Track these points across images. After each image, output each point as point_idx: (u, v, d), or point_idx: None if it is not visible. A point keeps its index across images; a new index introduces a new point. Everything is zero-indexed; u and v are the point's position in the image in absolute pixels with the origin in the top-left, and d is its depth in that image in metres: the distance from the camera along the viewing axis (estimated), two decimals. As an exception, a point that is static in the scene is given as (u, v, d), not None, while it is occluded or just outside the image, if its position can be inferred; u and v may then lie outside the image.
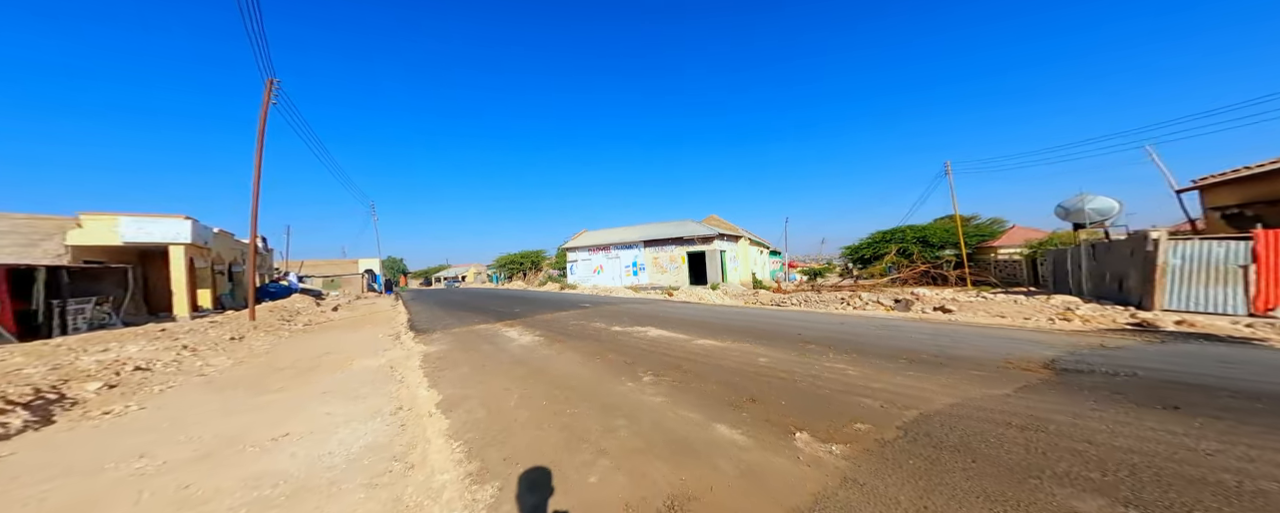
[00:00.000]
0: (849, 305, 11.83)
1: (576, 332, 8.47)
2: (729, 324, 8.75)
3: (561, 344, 7.19)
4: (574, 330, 8.66)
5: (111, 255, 14.50)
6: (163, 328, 11.32)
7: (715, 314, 10.82)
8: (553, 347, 7.00)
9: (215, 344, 7.96)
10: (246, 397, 4.97)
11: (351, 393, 4.99)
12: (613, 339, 7.40)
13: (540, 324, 9.68)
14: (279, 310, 15.03)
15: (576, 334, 8.19)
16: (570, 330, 8.69)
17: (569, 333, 8.40)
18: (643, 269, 27.31)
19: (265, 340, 9.36)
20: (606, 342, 7.20)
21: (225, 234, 19.51)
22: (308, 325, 12.98)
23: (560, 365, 5.73)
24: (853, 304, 11.86)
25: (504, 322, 10.45)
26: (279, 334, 10.64)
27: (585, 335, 7.94)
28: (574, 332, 8.49)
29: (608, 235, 32.24)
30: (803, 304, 13.09)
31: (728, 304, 14.43)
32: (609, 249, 29.97)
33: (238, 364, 6.76)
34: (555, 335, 8.14)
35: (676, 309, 12.19)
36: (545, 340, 7.64)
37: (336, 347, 8.70)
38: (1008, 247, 20.64)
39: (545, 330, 8.79)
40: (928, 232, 23.83)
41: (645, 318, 10.16)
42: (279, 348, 8.53)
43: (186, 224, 14.54)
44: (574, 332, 8.49)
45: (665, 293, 23.24)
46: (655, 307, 13.11)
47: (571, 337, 7.94)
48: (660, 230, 27.59)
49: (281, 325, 12.20)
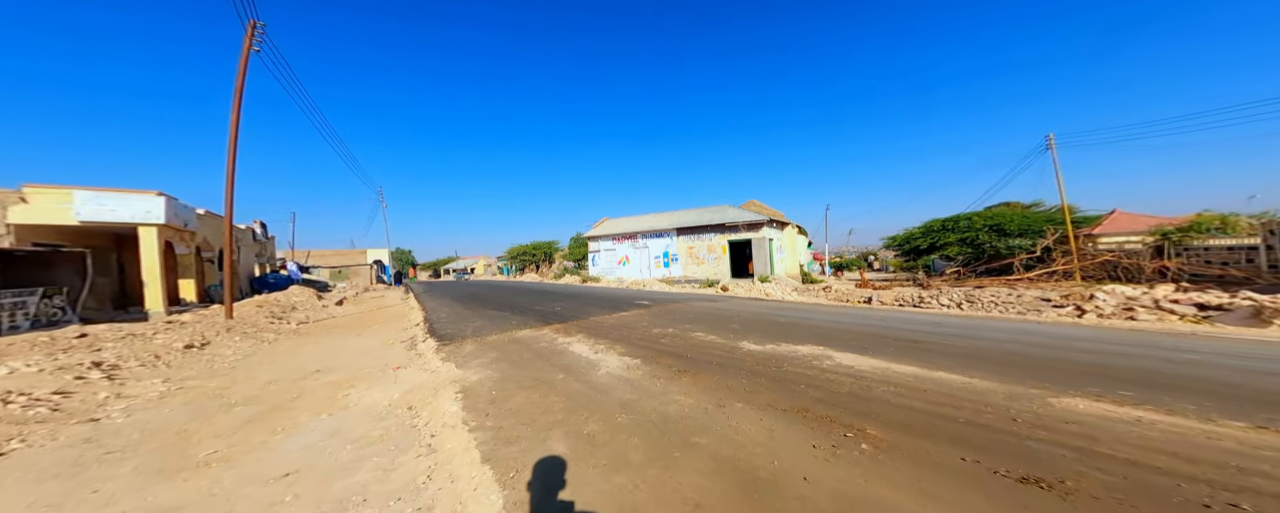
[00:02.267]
0: (1016, 305, 9.18)
1: (678, 348, 5.74)
2: (911, 338, 5.83)
3: (683, 375, 4.43)
4: (672, 345, 5.89)
5: (70, 238, 12.24)
6: (120, 327, 9.03)
7: (849, 320, 7.75)
8: (671, 379, 4.30)
9: (157, 357, 5.59)
10: (128, 486, 2.54)
11: (340, 477, 2.54)
12: (766, 367, 4.65)
13: (607, 332, 6.99)
14: (270, 306, 12.73)
15: (684, 352, 5.47)
16: (666, 345, 5.93)
17: (670, 349, 5.65)
18: (675, 260, 24.76)
19: (237, 349, 7.01)
20: (765, 374, 4.37)
21: (214, 217, 17.20)
22: (302, 325, 10.63)
23: (732, 429, 3.06)
24: (1018, 304, 9.17)
25: (552, 326, 7.73)
26: (261, 338, 8.30)
27: (706, 359, 5.07)
28: (675, 348, 5.75)
29: (634, 223, 29.65)
30: (920, 305, 10.35)
31: (824, 303, 11.37)
32: (636, 238, 27.42)
33: (169, 396, 4.35)
34: (652, 353, 5.47)
35: (767, 310, 9.37)
36: (644, 365, 4.87)
37: (332, 359, 6.28)
38: (1111, 235, 17.81)
39: (626, 344, 6.07)
40: (1001, 218, 20.97)
41: (754, 325, 7.35)
42: (252, 362, 6.15)
43: (159, 201, 12.20)
44: (675, 348, 5.75)
45: (705, 286, 20.74)
46: (729, 305, 10.42)
47: (686, 359, 5.08)
48: (697, 217, 24.92)
49: (268, 325, 9.87)
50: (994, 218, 20.54)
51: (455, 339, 6.90)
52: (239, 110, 9.67)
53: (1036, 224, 19.42)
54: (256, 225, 24.12)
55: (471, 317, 9.51)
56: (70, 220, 11.23)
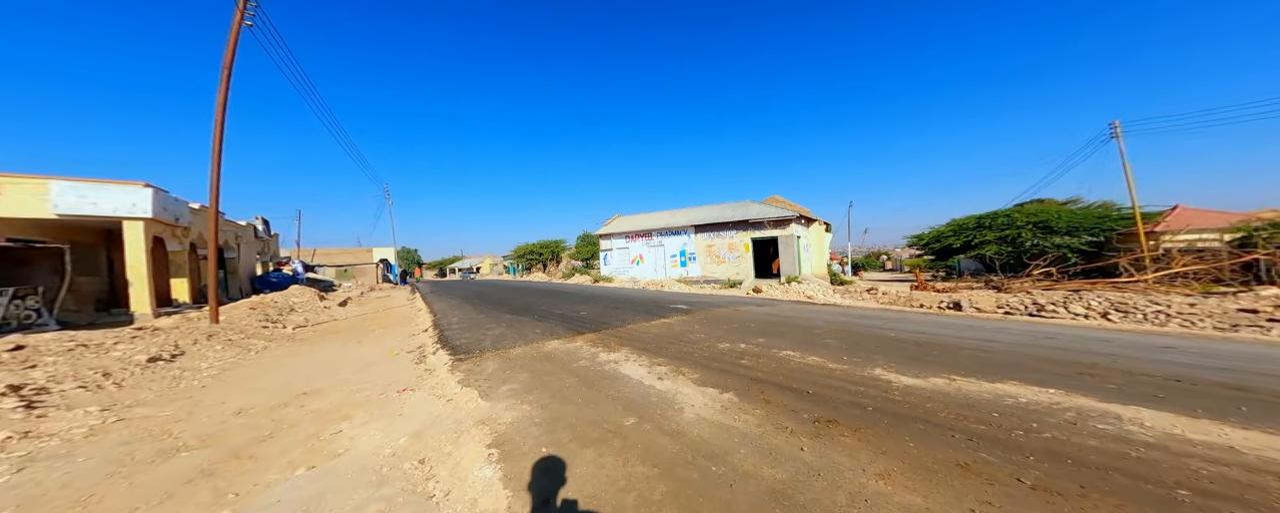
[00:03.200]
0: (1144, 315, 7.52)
1: (776, 374, 4.27)
2: (1186, 375, 4.01)
3: (832, 429, 2.98)
4: (765, 371, 4.40)
5: (51, 233, 11.30)
6: (75, 335, 8.02)
7: (989, 336, 6.05)
8: (819, 438, 2.85)
9: (106, 375, 4.51)
10: None
11: None
12: (985, 426, 2.97)
13: (657, 345, 5.68)
14: (265, 307, 11.72)
15: (794, 383, 3.97)
16: (756, 370, 4.44)
17: (767, 378, 4.16)
18: (692, 259, 23.58)
19: (214, 361, 5.93)
20: (1005, 445, 2.70)
21: (210, 212, 16.30)
22: (299, 330, 9.58)
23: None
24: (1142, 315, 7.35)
25: (584, 336, 6.49)
26: (248, 346, 7.24)
27: (843, 398, 3.58)
28: (772, 374, 4.28)
29: (649, 220, 28.50)
30: (1040, 313, 8.37)
31: (905, 311, 9.49)
32: (650, 236, 26.27)
33: (99, 433, 3.25)
34: (743, 382, 4.05)
35: (839, 317, 7.90)
36: (747, 404, 3.47)
37: (325, 375, 5.18)
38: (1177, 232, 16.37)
39: (694, 365, 4.72)
40: (1046, 215, 19.55)
41: (852, 339, 5.80)
42: (228, 379, 5.07)
43: (145, 193, 11.21)
44: (772, 374, 4.28)
45: (727, 287, 19.55)
46: (784, 311, 8.93)
47: (808, 396, 3.62)
48: (717, 213, 23.70)
49: (260, 330, 8.83)
50: (1038, 214, 19.14)
51: (473, 352, 5.76)
52: (227, 89, 8.63)
53: (1085, 221, 18.01)
54: (258, 222, 23.22)
55: (487, 322, 8.40)
56: (48, 213, 10.27)
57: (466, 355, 5.52)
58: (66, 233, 12.77)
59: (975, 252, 20.89)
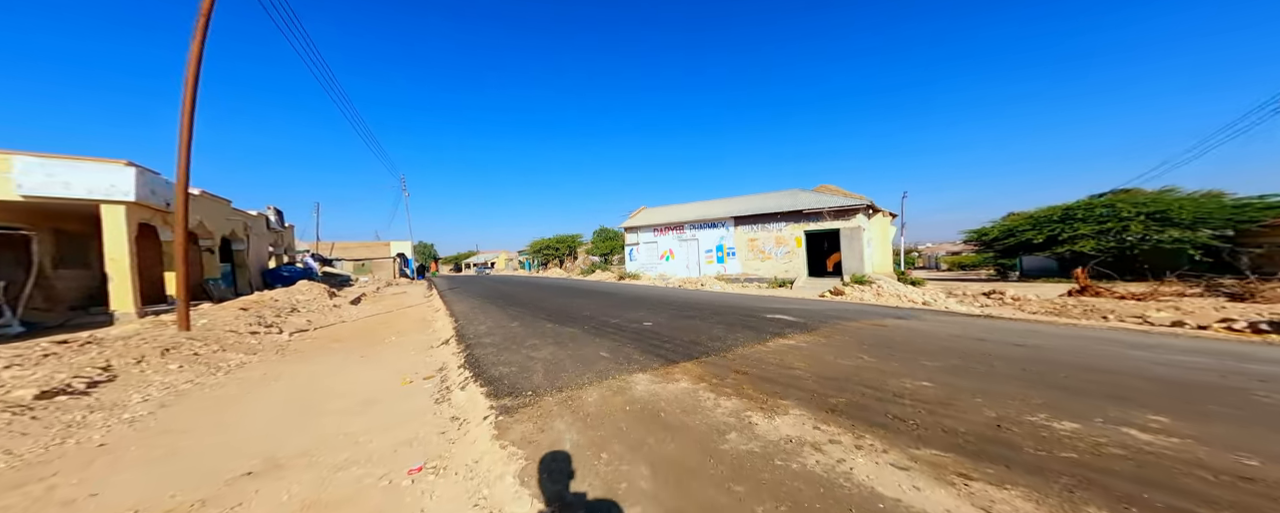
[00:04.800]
0: None
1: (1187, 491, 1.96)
2: None
3: None
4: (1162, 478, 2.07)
5: (24, 217, 9.89)
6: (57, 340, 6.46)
7: None
8: None
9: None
10: None
11: None
12: None
13: (862, 401, 3.20)
14: (261, 308, 10.13)
15: None
16: (1156, 479, 2.05)
17: None
18: (731, 254, 21.50)
19: (154, 393, 4.18)
20: None
21: (212, 198, 14.87)
22: (296, 336, 7.91)
23: None
24: None
25: (683, 368, 4.05)
26: (217, 364, 5.54)
27: None
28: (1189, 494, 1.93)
29: (680, 212, 26.45)
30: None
31: (1066, 322, 6.67)
32: (682, 229, 24.25)
33: None
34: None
35: (1054, 341, 5.08)
36: None
37: (300, 427, 3.30)
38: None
39: (1011, 468, 2.19)
40: (1163, 204, 16.63)
41: (1187, 391, 3.27)
42: (147, 431, 3.25)
43: (127, 173, 9.71)
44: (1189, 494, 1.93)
45: (775, 286, 17.45)
46: (938, 327, 5.99)
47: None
48: (762, 203, 21.49)
49: (245, 338, 7.18)
50: (1152, 203, 16.43)
51: (521, 393, 3.69)
52: (203, 37, 6.91)
53: (1217, 212, 15.30)
54: (270, 212, 21.98)
55: (525, 334, 6.47)
56: (11, 195, 8.81)
57: (515, 401, 3.52)
58: (47, 219, 11.44)
59: (1064, 247, 18.30)
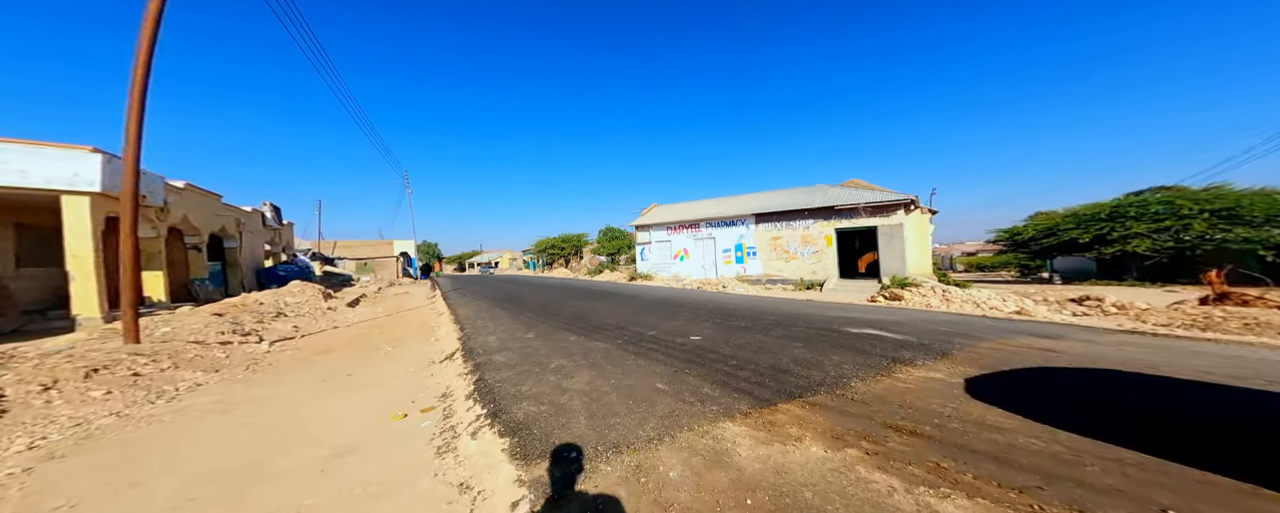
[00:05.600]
0: None
1: None
2: None
3: None
4: None
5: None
6: None
7: None
8: None
9: None
10: None
11: None
12: None
13: None
14: (240, 312, 8.99)
15: None
16: None
17: None
18: (752, 254, 20.26)
19: (52, 436, 3.05)
20: None
21: (199, 192, 13.79)
22: (276, 347, 6.77)
23: None
24: None
25: (789, 412, 2.75)
26: (163, 386, 4.40)
27: None
28: None
29: (695, 209, 25.20)
30: None
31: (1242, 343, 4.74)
32: (698, 227, 23.02)
33: None
34: None
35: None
36: None
37: (237, 495, 2.14)
38: None
39: None
40: (1229, 200, 15.16)
41: None
42: (33, 486, 2.18)
43: (92, 161, 8.63)
44: None
45: (803, 288, 16.20)
46: (1107, 350, 4.26)
47: None
48: (786, 199, 20.21)
49: (217, 346, 6.07)
50: (1217, 200, 15.06)
51: (565, 460, 2.31)
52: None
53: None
54: (266, 208, 20.97)
55: (546, 350, 5.15)
56: (-45, 184, 7.78)
57: (556, 472, 2.16)
58: (5, 212, 10.41)
59: (1114, 247, 16.94)
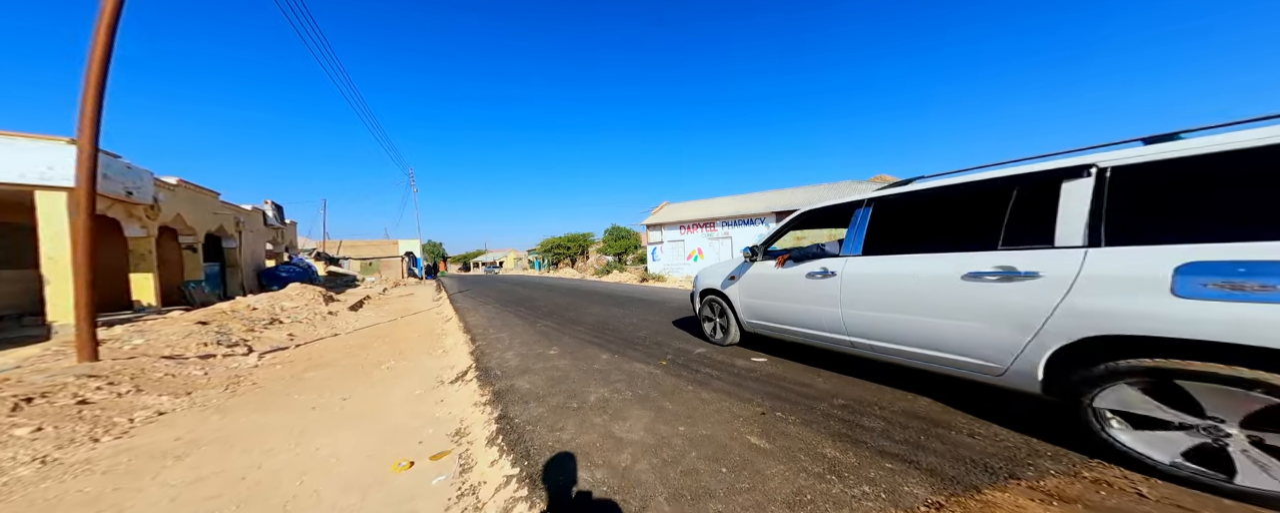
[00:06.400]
0: None
1: None
2: None
3: None
4: None
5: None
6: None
7: None
8: None
9: None
10: None
11: None
12: None
13: None
14: (228, 320, 8.19)
15: None
16: None
17: None
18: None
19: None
20: None
21: (193, 188, 13.07)
22: (265, 360, 5.95)
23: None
24: None
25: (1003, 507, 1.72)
26: (125, 412, 3.60)
27: None
28: None
29: (710, 207, 24.28)
30: None
31: None
32: (713, 226, 22.12)
33: None
34: None
35: None
36: None
37: None
38: None
39: None
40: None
41: None
42: None
43: (70, 152, 7.87)
44: None
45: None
46: None
47: None
48: (811, 196, 19.18)
49: (196, 360, 5.28)
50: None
51: None
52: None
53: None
54: (267, 207, 20.30)
55: (578, 375, 4.23)
56: (-85, 177, 7.06)
57: None
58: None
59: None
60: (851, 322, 3.13)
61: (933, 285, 2.58)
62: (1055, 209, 2.15)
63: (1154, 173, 1.93)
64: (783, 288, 3.87)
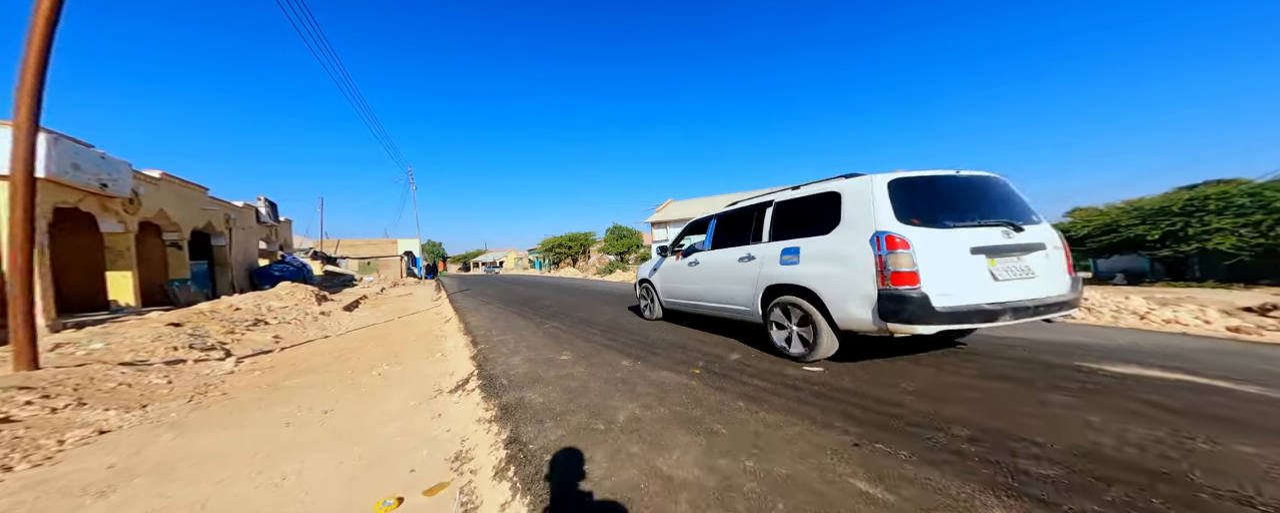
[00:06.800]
0: None
1: None
2: None
3: None
4: None
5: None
6: None
7: None
8: None
9: None
10: None
11: None
12: None
13: None
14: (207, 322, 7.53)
15: None
16: None
17: None
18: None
19: None
20: None
21: (178, 183, 12.42)
22: (241, 367, 5.34)
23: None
24: None
25: None
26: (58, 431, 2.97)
27: None
28: None
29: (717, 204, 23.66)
30: None
31: None
32: (720, 225, 21.52)
33: None
34: None
35: None
36: None
37: None
38: None
39: None
40: None
41: None
42: None
43: (33, 139, 7.27)
44: None
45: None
46: None
47: None
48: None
49: (160, 367, 4.65)
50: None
51: None
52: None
53: None
54: (261, 203, 19.63)
55: (599, 385, 3.58)
56: None
57: None
58: None
59: (1193, 246, 15.25)
60: (701, 291, 5.23)
61: (730, 265, 4.60)
62: (764, 221, 4.23)
63: (784, 205, 4.13)
64: (679, 274, 5.78)
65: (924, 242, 3.02)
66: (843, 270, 3.31)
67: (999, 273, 3.16)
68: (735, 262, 4.47)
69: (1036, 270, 3.31)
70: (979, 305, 2.97)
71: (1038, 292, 3.24)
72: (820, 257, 3.54)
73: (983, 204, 3.42)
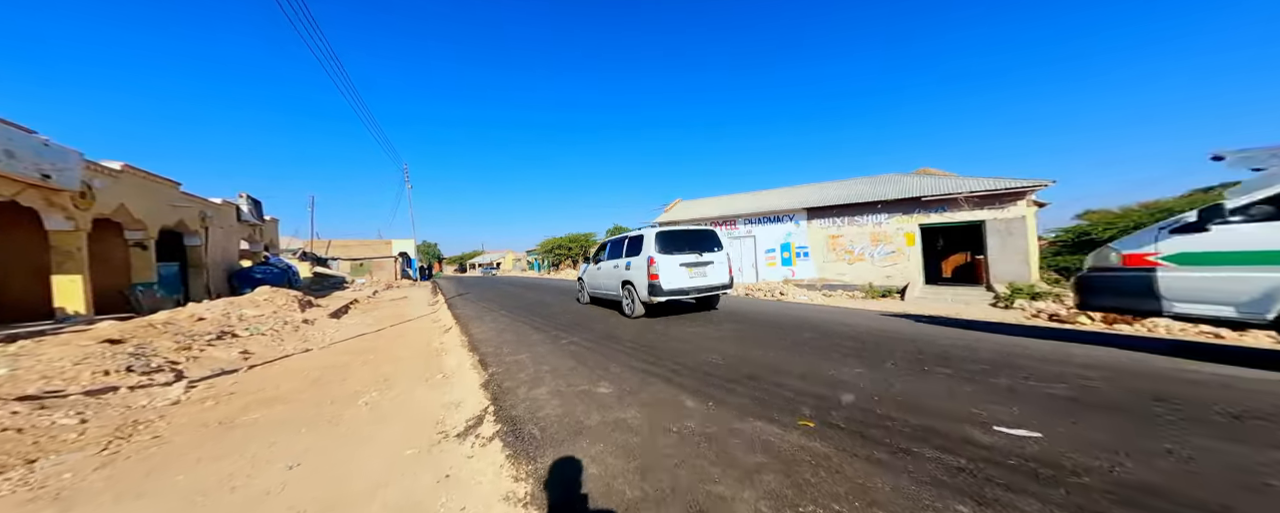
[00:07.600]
0: None
1: None
2: None
3: None
4: None
5: None
6: None
7: None
8: None
9: None
10: None
11: None
12: None
13: None
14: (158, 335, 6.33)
15: None
16: None
17: None
18: (803, 255, 17.63)
19: None
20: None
21: (142, 176, 11.15)
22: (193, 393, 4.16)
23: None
24: None
25: None
26: None
27: None
28: None
29: (729, 204, 22.54)
30: None
31: None
32: (734, 224, 20.39)
33: None
34: None
35: None
36: None
37: None
38: None
39: None
40: None
41: None
42: None
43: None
44: None
45: (874, 296, 13.58)
46: None
47: None
48: (848, 191, 17.20)
49: (77, 399, 3.53)
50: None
51: None
52: None
53: None
54: (242, 201, 18.30)
55: (680, 455, 2.49)
56: None
57: None
58: None
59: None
60: (602, 284, 8.91)
61: (610, 270, 8.38)
62: (623, 247, 8.05)
63: (630, 239, 7.97)
64: (593, 275, 9.45)
65: (663, 260, 6.92)
66: (641, 273, 7.06)
67: (692, 274, 7.12)
68: (613, 268, 8.20)
69: (709, 273, 7.31)
70: (683, 288, 7.00)
71: (710, 282, 7.31)
72: (636, 266, 7.28)
73: (693, 242, 7.36)
